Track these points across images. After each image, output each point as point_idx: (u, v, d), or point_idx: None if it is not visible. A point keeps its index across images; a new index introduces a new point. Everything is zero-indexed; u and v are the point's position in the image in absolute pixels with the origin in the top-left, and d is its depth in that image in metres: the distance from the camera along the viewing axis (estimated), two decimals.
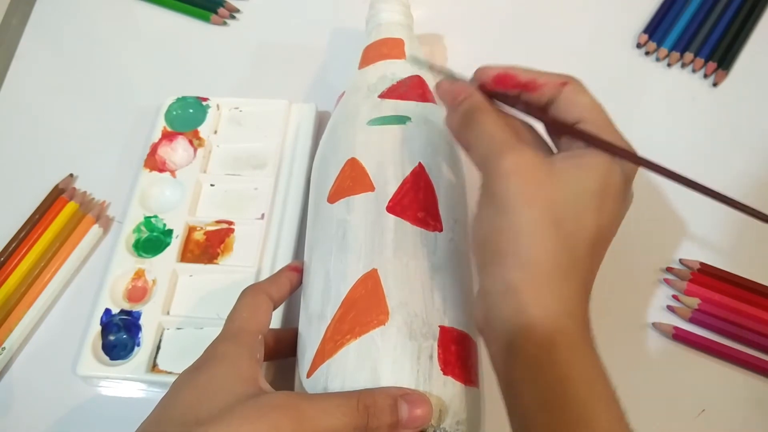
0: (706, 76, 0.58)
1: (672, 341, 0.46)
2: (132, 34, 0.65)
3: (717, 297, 0.47)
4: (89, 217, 0.52)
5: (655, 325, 0.46)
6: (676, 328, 0.46)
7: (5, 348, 0.46)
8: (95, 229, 0.51)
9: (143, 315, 0.46)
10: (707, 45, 0.58)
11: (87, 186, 0.55)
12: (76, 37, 0.64)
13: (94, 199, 0.54)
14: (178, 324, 0.46)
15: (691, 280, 0.47)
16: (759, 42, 0.59)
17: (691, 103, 0.57)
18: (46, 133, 0.58)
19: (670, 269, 0.48)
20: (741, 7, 0.60)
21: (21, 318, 0.47)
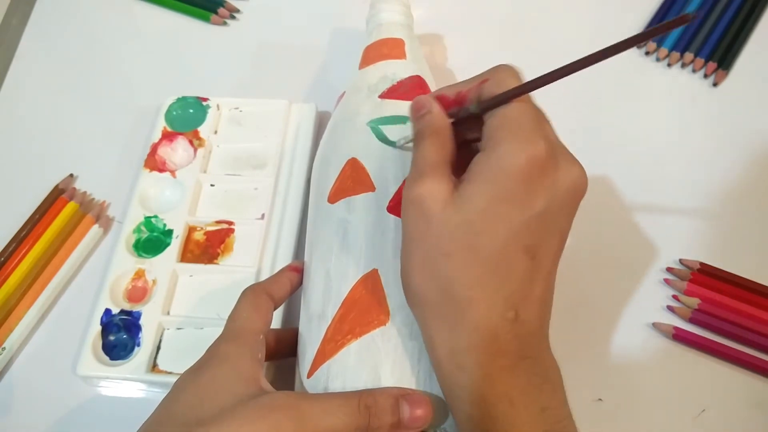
0: (706, 76, 0.58)
1: (672, 341, 0.46)
2: (132, 34, 0.65)
3: (717, 297, 0.47)
4: (89, 217, 0.52)
5: (655, 325, 0.46)
6: (676, 328, 0.46)
7: (5, 348, 0.46)
8: (95, 229, 0.51)
9: (143, 315, 0.46)
10: (707, 45, 0.58)
11: (87, 186, 0.55)
12: (76, 37, 0.64)
13: (94, 199, 0.54)
14: (178, 324, 0.46)
15: (691, 280, 0.47)
16: (759, 42, 0.59)
17: (691, 103, 0.57)
18: (46, 133, 0.58)
19: (670, 269, 0.48)
20: (741, 7, 0.60)
21: (21, 318, 0.47)
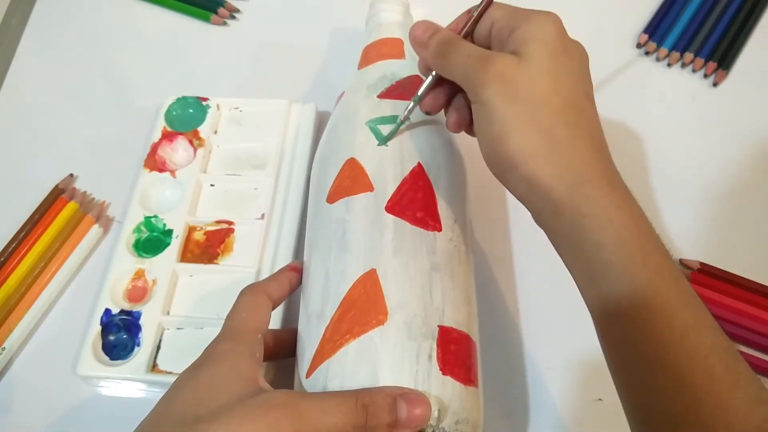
0: (706, 76, 0.58)
1: None
2: (132, 34, 0.65)
3: (717, 297, 0.47)
4: (89, 217, 0.52)
5: None
6: None
7: (5, 348, 0.46)
8: (95, 229, 0.51)
9: (143, 315, 0.46)
10: (707, 45, 0.58)
11: (87, 186, 0.55)
12: (76, 37, 0.64)
13: (94, 199, 0.54)
14: (178, 324, 0.46)
15: (691, 280, 0.47)
16: (759, 42, 0.59)
17: (691, 103, 0.57)
18: (46, 133, 0.58)
19: None
20: (741, 7, 0.60)
21: (21, 318, 0.47)
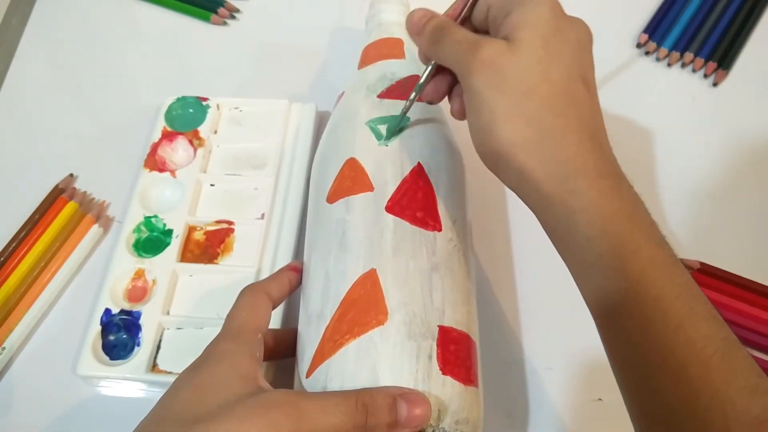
0: (706, 76, 0.58)
1: None
2: (132, 34, 0.65)
3: (717, 297, 0.46)
4: (89, 217, 0.52)
5: None
6: None
7: (5, 348, 0.46)
8: (95, 229, 0.51)
9: (143, 315, 0.46)
10: (707, 45, 0.58)
11: (87, 186, 0.55)
12: (76, 37, 0.64)
13: (94, 199, 0.54)
14: (178, 324, 0.46)
15: None
16: (759, 42, 0.59)
17: (691, 103, 0.57)
18: (46, 133, 0.58)
19: None
20: (741, 7, 0.60)
21: (21, 318, 0.47)
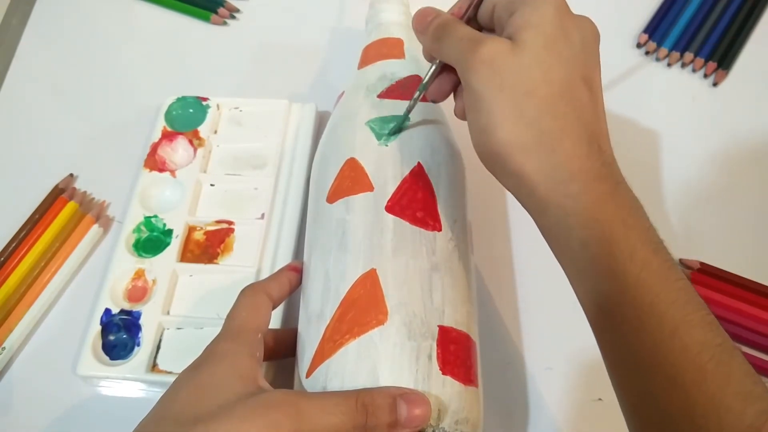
0: (706, 76, 0.58)
1: None
2: (132, 34, 0.65)
3: (717, 297, 0.46)
4: (89, 217, 0.52)
5: None
6: None
7: (5, 348, 0.46)
8: (95, 229, 0.51)
9: (143, 315, 0.46)
10: (707, 45, 0.58)
11: (87, 186, 0.55)
12: (76, 37, 0.64)
13: (94, 199, 0.54)
14: (178, 324, 0.46)
15: (691, 280, 0.47)
16: (759, 42, 0.59)
17: (691, 103, 0.57)
18: (46, 133, 0.58)
19: None
20: (741, 7, 0.60)
21: (21, 318, 0.47)
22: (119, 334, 0.46)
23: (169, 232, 0.49)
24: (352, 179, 0.40)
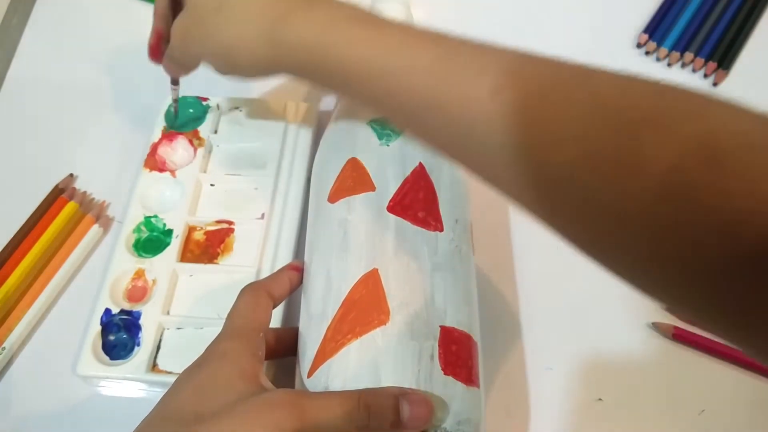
0: (706, 76, 0.58)
1: (672, 341, 0.46)
2: (132, 34, 0.64)
3: None
4: (89, 217, 0.52)
5: (655, 325, 0.46)
6: (676, 328, 0.46)
7: (5, 348, 0.46)
8: (95, 229, 0.51)
9: (143, 315, 0.46)
10: (707, 45, 0.58)
11: (87, 186, 0.54)
12: (76, 37, 0.64)
13: (94, 199, 0.54)
14: (178, 324, 0.46)
15: None
16: (759, 42, 0.59)
17: None
18: (46, 133, 0.58)
19: None
20: (741, 7, 0.60)
21: (21, 318, 0.47)
22: (119, 334, 0.46)
23: (169, 232, 0.49)
24: (353, 179, 0.40)
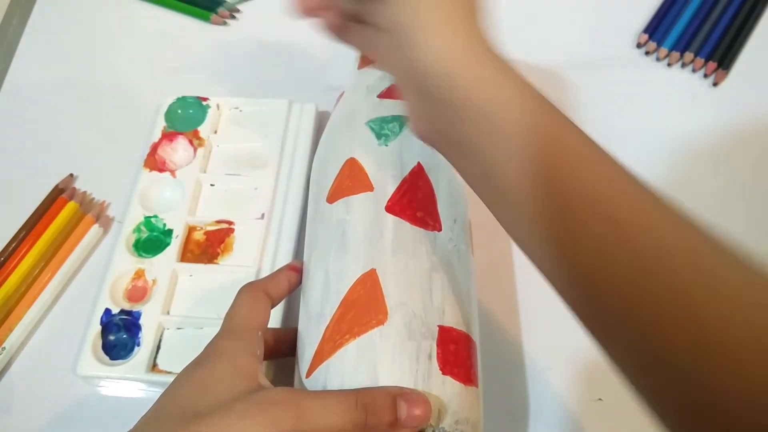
0: (706, 76, 0.58)
1: None
2: (132, 34, 0.65)
3: None
4: (89, 217, 0.52)
5: None
6: None
7: (5, 348, 0.46)
8: (95, 229, 0.51)
9: (143, 315, 0.46)
10: (707, 45, 0.58)
11: (87, 186, 0.55)
12: (76, 37, 0.64)
13: (94, 199, 0.54)
14: (178, 324, 0.46)
15: None
16: (759, 42, 0.59)
17: (691, 103, 0.57)
18: (46, 133, 0.58)
19: None
20: (741, 7, 0.60)
21: (21, 318, 0.47)
22: (119, 334, 0.46)
23: (169, 232, 0.49)
24: (352, 179, 0.40)
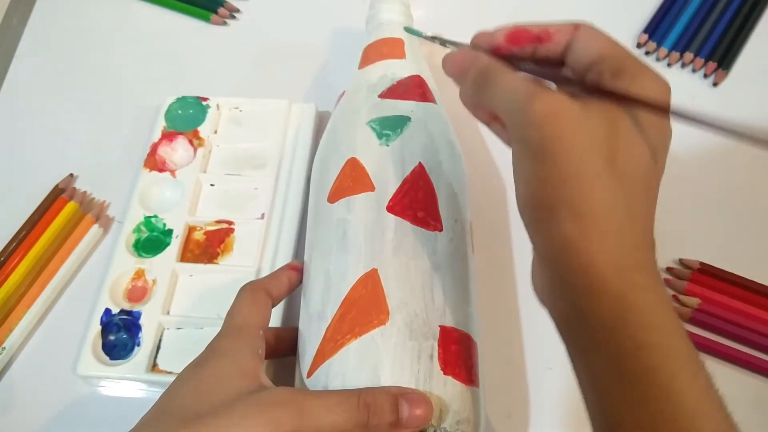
0: (706, 76, 0.58)
1: None
2: (132, 34, 0.65)
3: (717, 297, 0.47)
4: (89, 217, 0.52)
5: None
6: None
7: (5, 348, 0.46)
8: (95, 229, 0.51)
9: (143, 315, 0.46)
10: (707, 45, 0.58)
11: (87, 186, 0.55)
12: (76, 37, 0.64)
13: (94, 199, 0.54)
14: (178, 324, 0.46)
15: (691, 280, 0.47)
16: (759, 42, 0.59)
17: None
18: (46, 133, 0.58)
19: (670, 269, 0.48)
20: (741, 7, 0.60)
21: (21, 318, 0.47)
22: (119, 334, 0.46)
23: (169, 232, 0.49)
24: (353, 179, 0.40)
